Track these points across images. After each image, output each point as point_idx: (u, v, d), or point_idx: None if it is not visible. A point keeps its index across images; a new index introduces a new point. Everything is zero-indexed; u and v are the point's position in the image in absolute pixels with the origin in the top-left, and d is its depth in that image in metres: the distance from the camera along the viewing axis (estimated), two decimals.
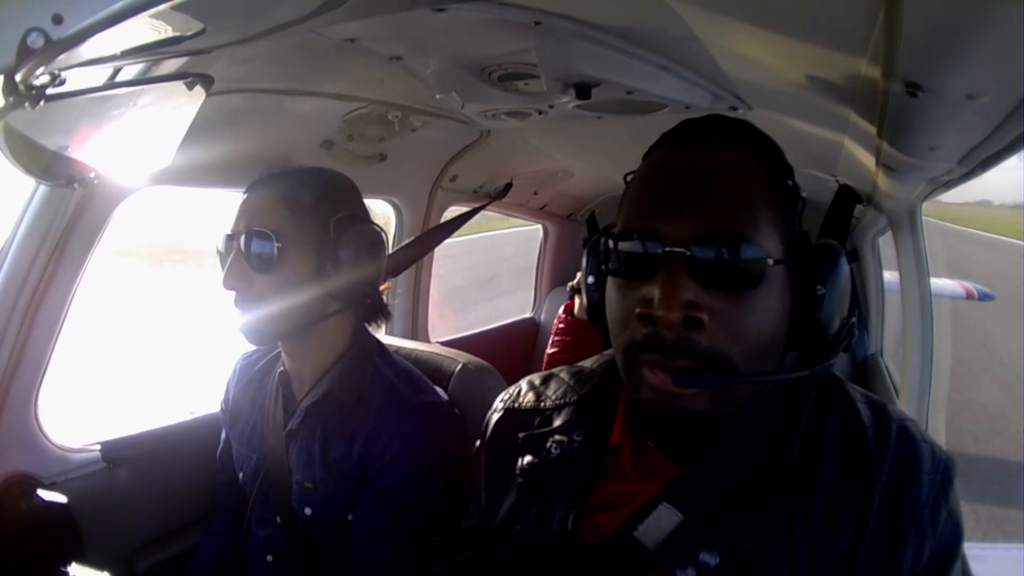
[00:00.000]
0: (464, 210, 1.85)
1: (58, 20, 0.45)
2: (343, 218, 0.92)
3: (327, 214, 0.92)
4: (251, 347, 1.06)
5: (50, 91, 0.56)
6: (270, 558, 0.99)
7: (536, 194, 2.31)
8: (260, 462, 1.00)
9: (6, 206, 1.00)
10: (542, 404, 0.71)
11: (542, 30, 0.88)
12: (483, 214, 1.93)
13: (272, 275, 0.89)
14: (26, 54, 0.46)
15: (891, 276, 2.21)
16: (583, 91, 1.07)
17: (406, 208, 1.84)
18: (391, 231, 1.85)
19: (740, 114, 1.10)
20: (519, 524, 0.64)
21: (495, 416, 0.74)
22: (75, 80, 0.59)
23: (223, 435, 1.11)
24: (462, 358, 1.12)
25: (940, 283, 4.25)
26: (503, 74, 1.09)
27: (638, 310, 0.54)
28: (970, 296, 4.91)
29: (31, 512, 1.01)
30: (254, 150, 1.11)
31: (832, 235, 0.62)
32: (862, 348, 2.48)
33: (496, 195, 2.02)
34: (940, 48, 0.54)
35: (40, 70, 0.52)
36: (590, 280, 0.65)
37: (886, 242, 1.97)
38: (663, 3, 0.71)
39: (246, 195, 0.94)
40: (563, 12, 0.86)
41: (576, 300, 1.98)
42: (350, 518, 0.92)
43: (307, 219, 0.91)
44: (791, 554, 0.53)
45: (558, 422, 0.68)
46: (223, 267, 0.91)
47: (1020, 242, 12.64)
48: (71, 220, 1.01)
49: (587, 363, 0.74)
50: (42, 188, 0.97)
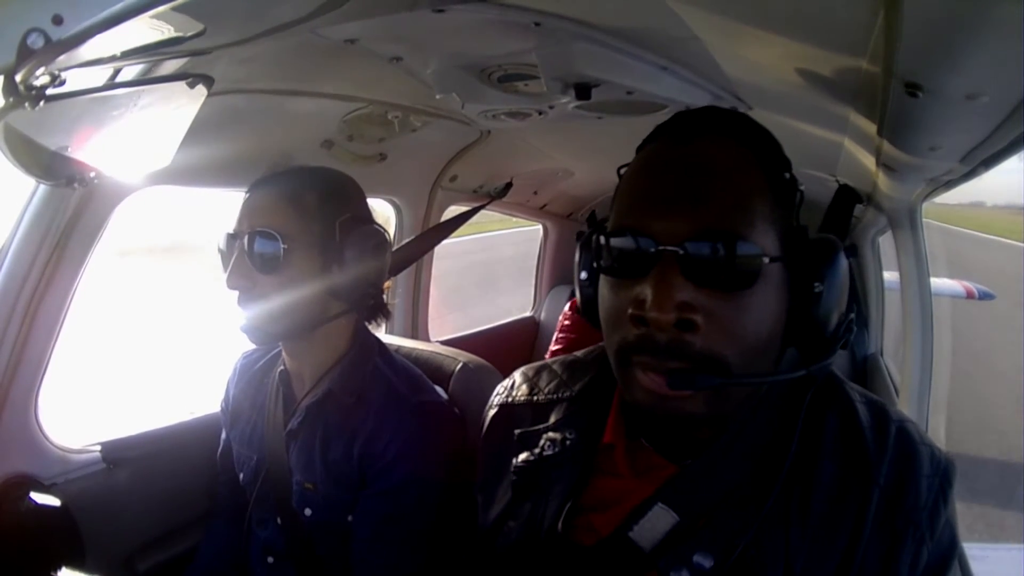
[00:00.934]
0: (464, 210, 1.85)
1: (58, 21, 0.45)
2: (348, 219, 0.92)
3: (332, 215, 0.91)
4: (251, 346, 1.06)
5: (50, 91, 0.56)
6: (271, 559, 0.99)
7: (536, 194, 2.31)
8: (260, 463, 1.00)
9: (6, 206, 1.00)
10: (536, 398, 0.70)
11: (542, 31, 0.88)
12: (484, 214, 1.93)
13: (277, 275, 0.89)
14: (26, 54, 0.46)
15: (891, 276, 2.21)
16: (583, 91, 1.07)
17: (406, 208, 1.84)
18: (391, 230, 1.85)
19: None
20: (512, 520, 0.64)
21: (491, 413, 0.74)
22: (75, 80, 0.59)
23: (223, 435, 1.11)
24: (462, 357, 1.13)
25: (940, 283, 4.25)
26: (503, 75, 1.09)
27: (630, 311, 0.53)
28: (970, 295, 4.91)
29: (31, 513, 1.01)
30: (254, 150, 1.11)
31: (832, 234, 0.61)
32: (862, 348, 2.48)
33: (496, 195, 2.02)
34: (940, 48, 0.54)
35: (40, 70, 0.52)
36: (583, 276, 0.64)
37: (886, 242, 1.97)
38: (663, 3, 0.71)
39: (249, 194, 0.94)
40: (563, 13, 0.86)
41: None
42: (350, 519, 0.92)
43: (312, 220, 0.90)
44: (787, 557, 0.52)
45: (552, 418, 0.67)
46: (226, 266, 0.91)
47: (1009, 241, 12.79)
48: (71, 220, 1.01)
49: (580, 354, 0.74)
50: (42, 188, 0.97)
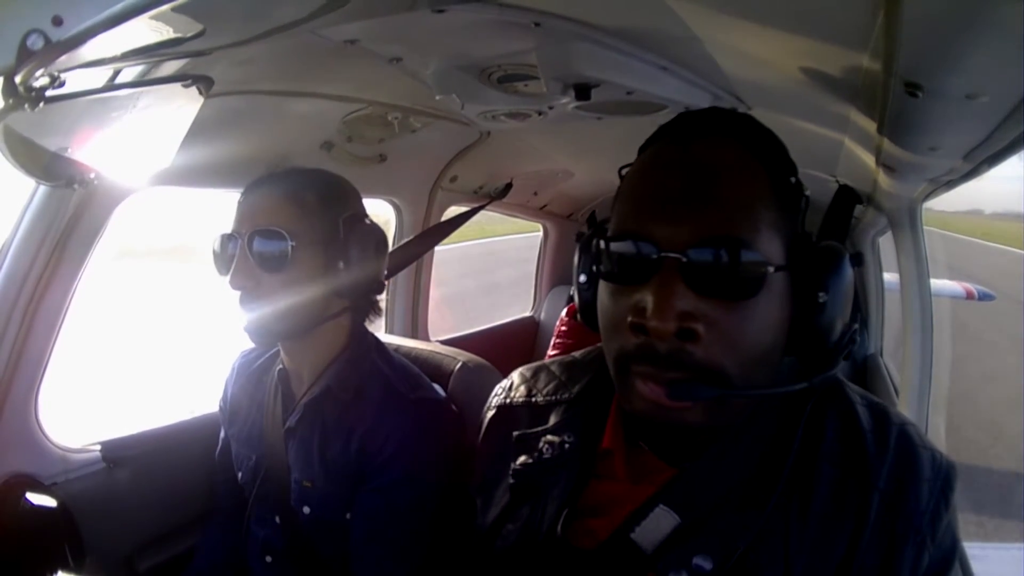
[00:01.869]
0: (464, 210, 1.85)
1: (58, 22, 0.45)
2: (351, 217, 0.93)
3: (334, 213, 0.92)
4: (250, 345, 1.06)
5: (50, 92, 0.56)
6: (269, 558, 0.99)
7: (536, 194, 2.31)
8: (259, 461, 1.00)
9: (6, 206, 1.00)
10: (534, 399, 0.70)
11: (542, 31, 0.88)
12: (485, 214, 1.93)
13: (282, 274, 0.89)
14: (26, 56, 0.46)
15: (891, 276, 2.21)
16: (583, 92, 1.07)
17: (406, 208, 1.84)
18: (391, 231, 1.85)
19: None
20: (511, 523, 0.63)
21: (489, 415, 0.73)
22: (75, 82, 0.59)
23: (222, 434, 1.11)
24: (462, 356, 1.13)
25: (940, 283, 4.25)
26: (503, 75, 1.09)
27: (630, 319, 0.52)
28: (970, 296, 4.91)
29: (31, 512, 1.01)
30: (254, 151, 1.11)
31: (832, 236, 0.61)
32: (862, 348, 2.48)
33: (496, 195, 2.02)
34: (940, 48, 0.54)
35: (40, 72, 0.52)
36: (582, 279, 0.63)
37: (886, 242, 1.96)
38: (663, 3, 0.71)
39: (247, 195, 0.94)
40: (563, 13, 0.86)
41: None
42: (348, 516, 0.92)
43: (315, 218, 0.91)
44: (786, 560, 0.51)
45: (551, 421, 0.66)
46: (223, 268, 0.91)
47: (1003, 246, 12.89)
48: (71, 220, 1.01)
49: (578, 355, 0.73)
50: (42, 188, 0.97)
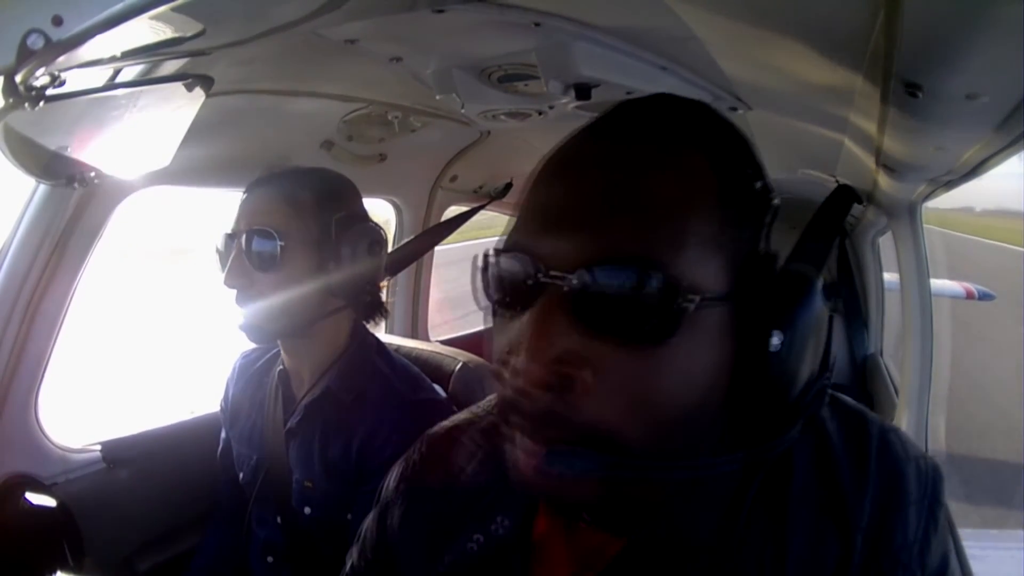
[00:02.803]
0: (464, 210, 1.85)
1: (58, 21, 0.45)
2: (344, 217, 0.93)
3: (328, 213, 0.92)
4: (250, 345, 1.07)
5: (50, 92, 0.56)
6: (270, 559, 0.99)
7: None
8: (260, 462, 1.00)
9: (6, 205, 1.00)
10: (455, 479, 0.54)
11: (542, 31, 0.88)
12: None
13: (274, 273, 0.90)
14: (26, 55, 0.46)
15: (891, 276, 2.21)
16: (583, 92, 1.07)
17: (406, 208, 1.84)
18: (391, 231, 1.85)
19: (740, 114, 1.10)
20: None
21: (400, 491, 0.57)
22: (75, 81, 0.59)
23: (223, 435, 1.11)
24: (462, 357, 1.13)
25: (940, 283, 4.25)
26: (503, 75, 1.09)
27: (497, 358, 0.41)
28: (970, 296, 4.91)
29: (31, 512, 1.01)
30: (254, 150, 1.11)
31: (821, 237, 0.50)
32: (862, 348, 2.48)
33: (496, 195, 2.02)
34: (940, 48, 0.54)
35: (40, 71, 0.52)
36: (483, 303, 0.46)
37: (886, 242, 1.97)
38: (663, 3, 0.71)
39: (246, 195, 0.95)
40: (563, 13, 0.86)
41: None
42: (349, 517, 0.92)
43: (309, 218, 0.91)
44: None
45: (478, 505, 0.51)
46: (223, 266, 0.91)
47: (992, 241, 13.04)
48: (71, 220, 1.01)
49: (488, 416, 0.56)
50: (42, 188, 0.97)
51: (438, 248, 1.83)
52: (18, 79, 0.51)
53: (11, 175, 0.73)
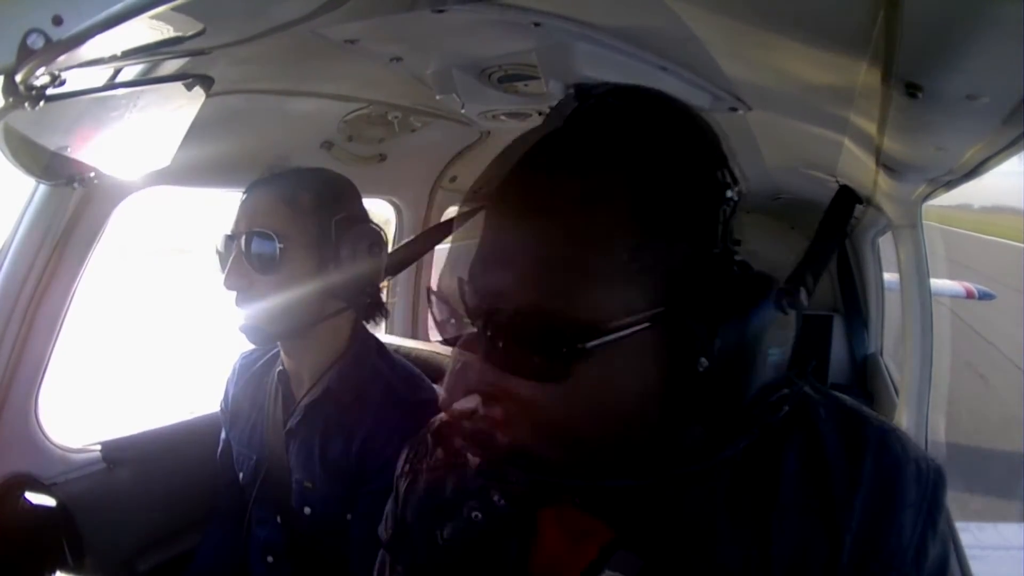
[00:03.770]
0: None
1: (58, 21, 0.45)
2: (344, 218, 0.93)
3: (328, 215, 0.92)
4: (250, 346, 1.07)
5: (50, 92, 0.56)
6: (270, 559, 0.99)
7: None
8: (260, 462, 1.00)
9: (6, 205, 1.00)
10: (456, 459, 0.57)
11: (542, 31, 0.88)
12: None
13: (273, 275, 0.90)
14: (26, 55, 0.46)
15: (891, 276, 2.21)
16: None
17: (406, 208, 1.84)
18: (391, 231, 1.85)
19: (740, 115, 1.10)
20: None
21: (406, 479, 0.61)
22: (75, 81, 0.59)
23: (223, 435, 1.11)
24: None
25: (940, 283, 4.25)
26: (503, 75, 1.09)
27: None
28: (970, 295, 4.90)
29: (31, 512, 1.01)
30: (254, 150, 1.11)
31: (828, 238, 0.54)
32: (862, 348, 2.49)
33: None
34: (940, 48, 0.54)
35: (40, 71, 0.52)
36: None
37: (886, 242, 1.97)
38: (663, 4, 0.71)
39: (245, 196, 0.95)
40: (563, 13, 0.86)
41: None
42: (349, 517, 0.92)
43: (308, 220, 0.91)
44: None
45: (472, 484, 0.53)
46: (223, 267, 0.91)
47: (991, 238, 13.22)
48: (71, 220, 1.01)
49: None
50: (42, 188, 0.97)
51: (438, 248, 1.83)
52: (18, 79, 0.51)
53: (11, 175, 0.73)
